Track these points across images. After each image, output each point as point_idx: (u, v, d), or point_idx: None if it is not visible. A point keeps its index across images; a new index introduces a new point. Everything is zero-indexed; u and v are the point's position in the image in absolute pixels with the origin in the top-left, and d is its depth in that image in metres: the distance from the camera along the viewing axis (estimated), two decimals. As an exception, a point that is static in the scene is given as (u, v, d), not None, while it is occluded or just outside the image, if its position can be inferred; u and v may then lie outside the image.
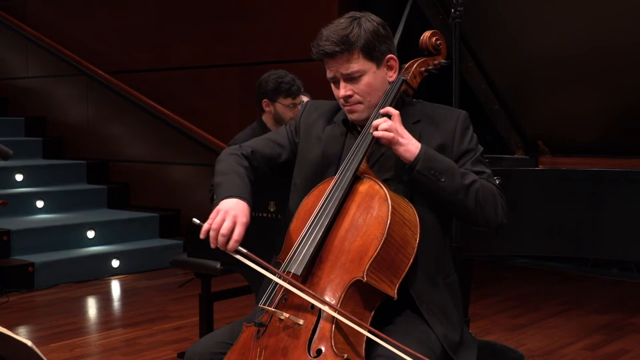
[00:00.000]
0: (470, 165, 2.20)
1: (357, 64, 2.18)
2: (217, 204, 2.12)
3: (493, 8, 3.46)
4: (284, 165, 2.37)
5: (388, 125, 2.11)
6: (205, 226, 2.08)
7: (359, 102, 2.22)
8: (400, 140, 2.11)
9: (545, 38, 3.42)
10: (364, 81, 2.20)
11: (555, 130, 3.70)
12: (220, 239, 2.05)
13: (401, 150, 2.11)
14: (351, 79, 2.19)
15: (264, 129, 4.15)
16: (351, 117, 2.26)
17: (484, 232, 3.05)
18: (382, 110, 2.17)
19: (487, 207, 2.14)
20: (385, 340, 1.93)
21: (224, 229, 2.05)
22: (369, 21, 2.20)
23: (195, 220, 2.12)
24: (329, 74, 2.23)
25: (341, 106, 2.27)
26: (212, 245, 2.07)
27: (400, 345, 1.91)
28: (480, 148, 2.26)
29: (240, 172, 2.23)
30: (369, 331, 1.95)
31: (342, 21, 2.20)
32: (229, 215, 2.07)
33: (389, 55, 2.24)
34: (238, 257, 2.06)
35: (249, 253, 2.04)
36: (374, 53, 2.19)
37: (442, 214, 2.21)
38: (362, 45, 2.16)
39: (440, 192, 2.10)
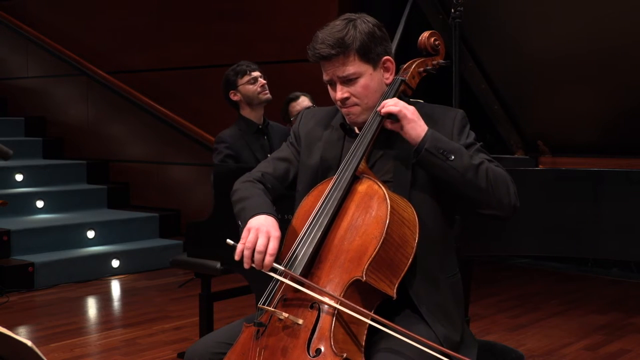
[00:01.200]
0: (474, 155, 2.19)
1: (353, 66, 2.17)
2: (244, 225, 2.11)
3: (493, 8, 3.45)
4: (296, 179, 2.36)
5: (395, 102, 2.12)
6: (240, 247, 2.05)
7: (356, 105, 2.21)
8: (409, 115, 2.11)
9: (546, 38, 3.41)
10: (361, 83, 2.19)
11: (555, 130, 3.70)
12: (257, 256, 2.02)
13: (409, 127, 2.10)
14: (347, 81, 2.19)
15: (247, 122, 4.24)
16: (349, 119, 2.25)
17: (484, 232, 3.07)
18: (379, 108, 2.16)
19: (499, 187, 2.11)
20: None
21: (259, 246, 2.02)
22: (365, 23, 2.19)
23: (230, 241, 2.07)
24: (325, 77, 2.22)
25: (339, 108, 2.27)
26: (246, 266, 2.04)
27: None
28: (481, 142, 2.25)
29: (259, 193, 2.23)
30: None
31: (338, 23, 2.19)
32: (261, 231, 2.05)
33: (385, 57, 2.23)
34: (274, 275, 2.02)
35: (287, 270, 2.02)
36: (370, 55, 2.18)
37: (444, 212, 2.21)
38: (358, 47, 2.15)
39: (450, 171, 2.08)
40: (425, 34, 2.40)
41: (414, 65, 2.35)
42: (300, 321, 1.97)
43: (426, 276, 2.14)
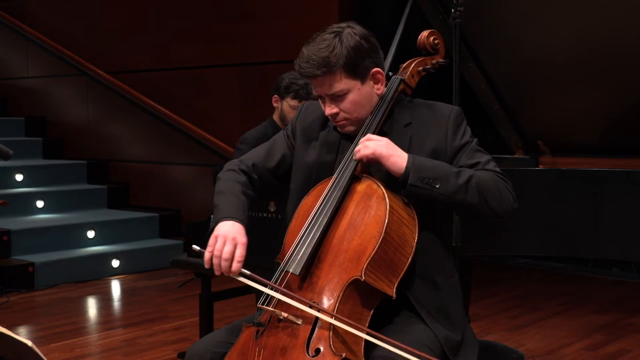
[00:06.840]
0: (466, 158, 2.17)
1: (341, 84, 2.14)
2: (213, 227, 2.12)
3: (493, 8, 3.46)
4: (288, 172, 2.35)
5: (365, 145, 2.10)
6: (207, 255, 2.08)
7: (345, 119, 2.20)
8: (385, 153, 2.09)
9: (546, 38, 3.41)
10: (349, 99, 2.17)
11: (555, 130, 3.70)
12: (224, 264, 2.05)
13: (389, 164, 2.09)
14: (335, 97, 2.17)
15: (275, 127, 4.21)
16: (340, 130, 2.25)
17: (484, 231, 3.07)
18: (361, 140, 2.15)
19: (491, 197, 2.10)
20: (384, 340, 1.93)
21: (225, 254, 2.05)
22: (352, 35, 2.14)
23: (196, 246, 2.12)
24: (315, 92, 2.22)
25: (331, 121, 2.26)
26: (217, 272, 2.07)
27: (400, 345, 1.91)
28: (475, 139, 2.23)
29: (235, 190, 2.22)
30: (367, 333, 1.95)
31: (325, 37, 2.14)
32: (229, 239, 2.07)
33: (374, 70, 2.19)
34: (242, 279, 2.05)
35: (253, 275, 2.04)
36: (357, 70, 2.15)
37: (440, 215, 2.21)
38: (344, 64, 2.12)
39: (438, 197, 2.08)
40: (425, 33, 2.40)
41: (413, 65, 2.35)
42: (300, 321, 1.97)
43: (425, 279, 2.14)
